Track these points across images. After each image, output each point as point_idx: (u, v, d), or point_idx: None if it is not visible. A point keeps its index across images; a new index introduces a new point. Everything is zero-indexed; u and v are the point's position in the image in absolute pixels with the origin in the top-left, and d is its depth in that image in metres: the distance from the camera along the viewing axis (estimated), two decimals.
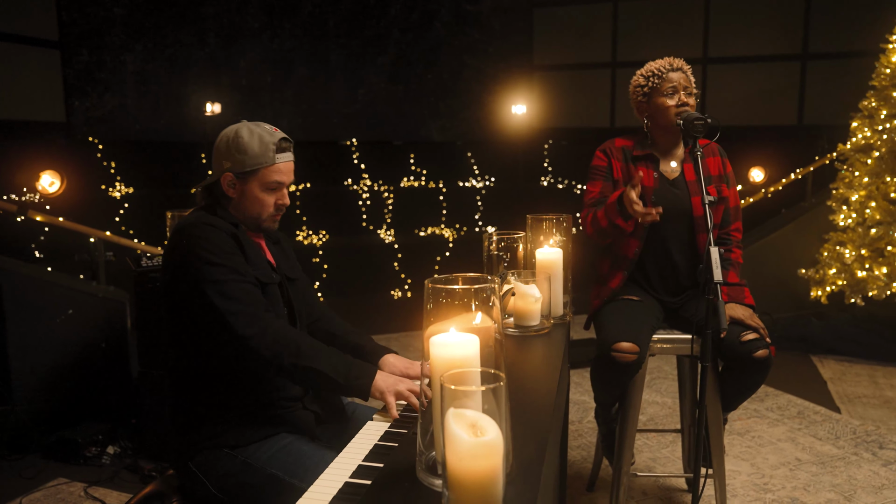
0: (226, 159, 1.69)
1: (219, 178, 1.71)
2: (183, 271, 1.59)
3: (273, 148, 1.68)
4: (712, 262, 1.82)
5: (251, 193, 1.70)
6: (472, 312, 1.07)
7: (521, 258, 2.07)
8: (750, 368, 2.14)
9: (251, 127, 1.70)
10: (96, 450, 3.04)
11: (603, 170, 2.35)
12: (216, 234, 1.61)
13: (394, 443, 1.41)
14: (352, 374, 1.57)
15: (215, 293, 1.55)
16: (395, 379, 1.61)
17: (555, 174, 8.04)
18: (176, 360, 1.68)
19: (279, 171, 1.71)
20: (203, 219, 1.64)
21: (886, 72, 4.57)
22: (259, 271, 1.67)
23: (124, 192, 6.22)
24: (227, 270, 1.57)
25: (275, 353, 1.53)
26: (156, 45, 7.03)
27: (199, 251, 1.57)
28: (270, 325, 1.55)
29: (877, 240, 4.48)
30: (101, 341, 3.41)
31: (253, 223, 1.74)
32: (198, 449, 1.62)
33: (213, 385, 1.63)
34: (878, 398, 3.78)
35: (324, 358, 1.56)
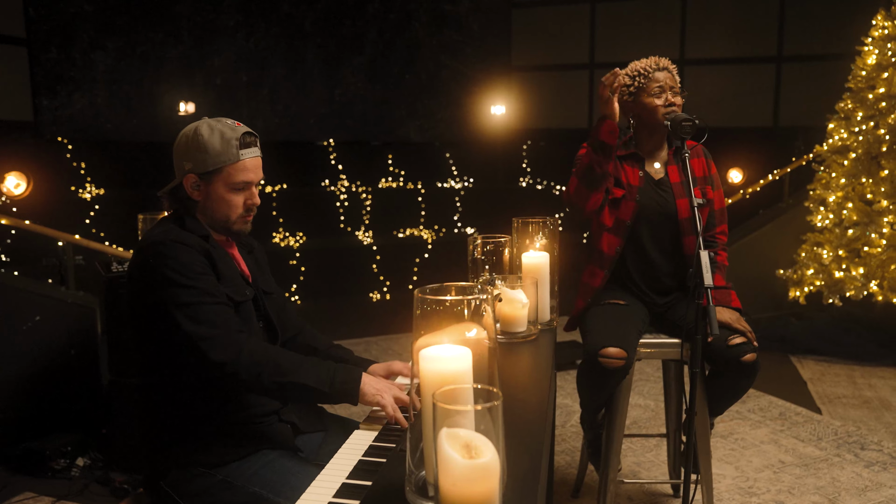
0: (186, 160, 1.60)
1: (181, 181, 1.61)
2: (150, 293, 1.50)
3: (236, 144, 1.58)
4: (702, 266, 1.79)
5: (217, 194, 1.60)
6: (463, 323, 1.02)
7: (507, 262, 2.02)
8: (738, 373, 2.11)
9: (211, 123, 1.60)
10: (65, 462, 2.93)
11: None
12: (185, 253, 1.51)
13: (380, 458, 1.35)
14: (337, 380, 1.51)
15: (185, 318, 1.46)
16: (384, 384, 1.55)
17: (534, 175, 8.03)
18: (144, 375, 1.60)
19: (244, 168, 1.60)
20: (171, 234, 1.54)
21: (862, 74, 4.61)
22: (232, 288, 1.59)
23: (95, 194, 6.06)
24: (198, 292, 1.48)
25: (254, 374, 1.46)
26: (127, 42, 6.87)
27: (167, 272, 1.48)
28: (245, 347, 1.47)
29: (854, 240, 4.51)
30: (70, 348, 3.29)
31: (222, 226, 1.65)
32: (170, 467, 1.54)
33: (186, 402, 1.55)
34: (858, 398, 3.80)
35: (305, 370, 1.49)
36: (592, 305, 2.30)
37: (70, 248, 3.49)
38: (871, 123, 4.50)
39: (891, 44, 4.48)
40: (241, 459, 1.53)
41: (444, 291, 1.02)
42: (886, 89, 4.45)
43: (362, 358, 1.83)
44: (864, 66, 4.60)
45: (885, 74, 4.48)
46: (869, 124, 4.51)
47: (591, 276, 2.31)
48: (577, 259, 2.48)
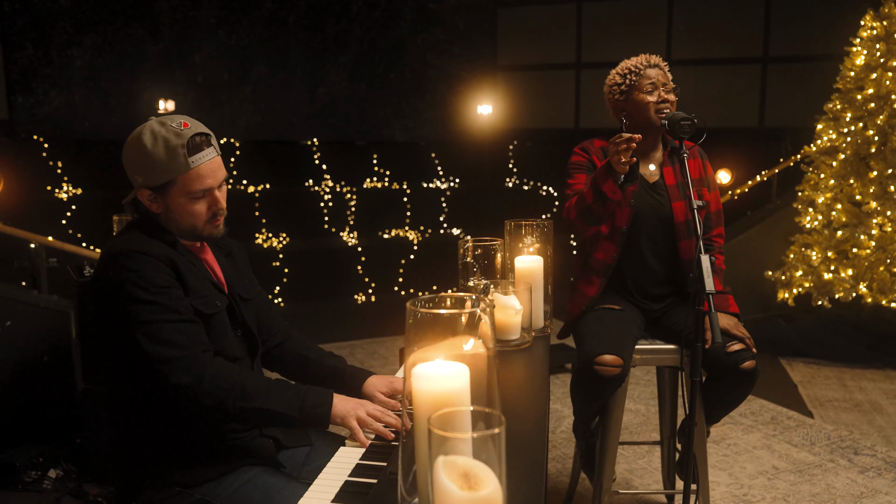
0: (136, 173, 1.47)
1: (136, 196, 1.49)
2: (111, 307, 1.40)
3: (182, 152, 1.42)
4: (703, 272, 1.72)
5: (176, 206, 1.47)
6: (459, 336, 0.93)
7: (499, 266, 1.94)
8: (737, 380, 2.04)
9: (155, 129, 1.44)
10: (36, 474, 2.80)
11: (584, 164, 2.23)
12: (149, 266, 1.39)
13: (369, 478, 1.26)
14: (307, 405, 1.42)
15: (144, 337, 1.36)
16: (355, 403, 1.46)
17: (520, 175, 7.97)
18: (113, 388, 1.50)
19: (199, 175, 1.45)
20: (134, 244, 1.42)
21: (850, 74, 4.58)
22: (202, 300, 1.47)
23: (72, 194, 5.91)
24: (159, 309, 1.37)
25: (217, 399, 1.36)
26: (105, 39, 6.71)
27: (128, 287, 1.37)
28: (208, 370, 1.37)
29: (843, 242, 4.49)
30: (42, 355, 3.16)
31: (190, 235, 1.52)
32: (144, 486, 1.44)
33: (158, 416, 1.45)
34: (849, 401, 3.76)
35: (273, 394, 1.40)
36: (587, 311, 2.22)
37: (43, 251, 3.37)
38: (860, 124, 4.48)
39: (879, 44, 4.46)
40: (221, 477, 1.44)
41: (438, 303, 0.94)
42: (875, 90, 4.43)
43: (358, 368, 1.73)
44: (852, 66, 4.58)
45: (873, 75, 4.46)
46: (858, 125, 4.49)
47: (587, 284, 2.24)
48: (571, 264, 2.41)
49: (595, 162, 2.23)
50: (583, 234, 2.17)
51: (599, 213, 2.05)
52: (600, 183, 2.00)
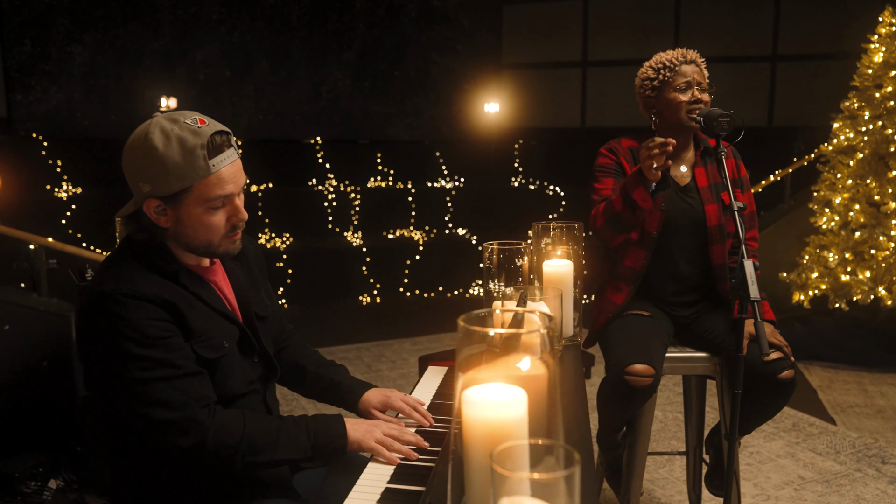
0: (142, 181, 1.24)
1: (140, 207, 1.27)
2: (98, 360, 1.24)
3: (202, 154, 1.21)
4: (747, 278, 1.62)
5: (191, 218, 1.26)
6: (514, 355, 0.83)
7: (526, 271, 1.84)
8: (774, 390, 1.95)
9: (166, 127, 1.22)
10: (36, 485, 2.70)
11: (611, 167, 2.12)
12: (141, 311, 1.20)
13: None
14: (319, 443, 1.30)
15: (137, 400, 1.19)
16: (367, 425, 1.36)
17: (526, 175, 7.86)
18: (108, 429, 1.34)
19: (220, 181, 1.24)
20: (123, 284, 1.21)
21: (868, 72, 4.48)
22: (205, 344, 1.28)
23: (71, 193, 5.80)
24: (153, 364, 1.19)
25: (223, 458, 1.23)
26: (105, 35, 6.60)
27: (119, 340, 1.19)
28: (211, 429, 1.22)
29: (860, 243, 4.39)
30: (41, 360, 3.05)
31: (204, 251, 1.33)
32: None
33: (158, 464, 1.30)
34: (871, 407, 3.67)
35: (282, 441, 1.27)
36: (614, 318, 2.12)
37: (43, 252, 3.26)
38: (879, 123, 4.38)
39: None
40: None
41: (489, 320, 0.84)
42: (894, 88, 4.33)
43: (357, 380, 1.62)
44: (870, 64, 4.48)
45: (892, 73, 4.36)
46: (876, 124, 4.39)
47: (615, 291, 2.13)
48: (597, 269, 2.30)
49: (623, 164, 2.12)
50: (610, 241, 2.06)
51: (629, 222, 1.94)
52: (630, 190, 1.89)
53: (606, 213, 1.98)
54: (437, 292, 6.45)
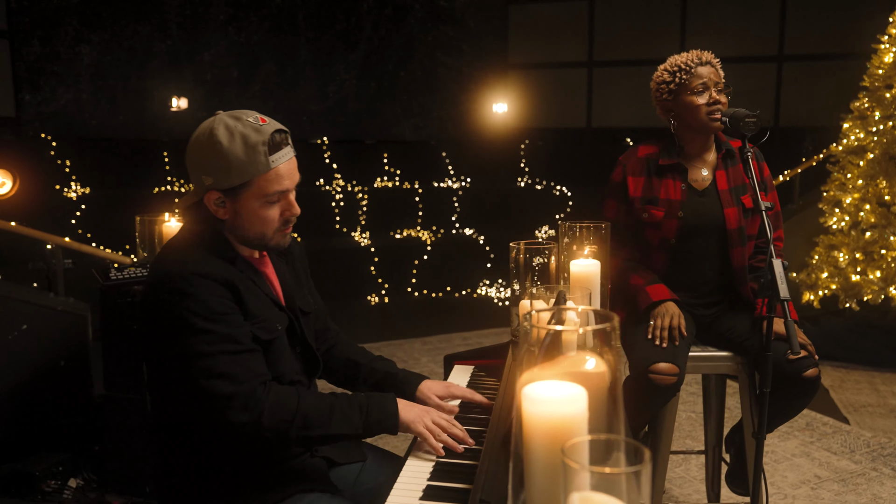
0: (205, 174, 1.32)
1: (202, 198, 1.35)
2: (164, 334, 1.28)
3: (264, 150, 1.29)
4: (777, 277, 1.63)
5: (248, 211, 1.33)
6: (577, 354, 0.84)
7: (553, 270, 1.85)
8: (798, 389, 1.96)
9: (230, 124, 1.30)
10: (56, 483, 2.71)
11: (617, 188, 2.15)
12: (208, 290, 1.26)
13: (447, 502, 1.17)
14: (372, 420, 1.33)
15: (201, 371, 1.24)
16: (420, 409, 1.38)
17: (532, 175, 7.86)
18: (159, 415, 1.38)
19: (278, 177, 1.32)
20: (189, 264, 1.28)
21: (879, 72, 4.49)
22: (262, 324, 1.35)
23: (80, 193, 5.80)
24: (217, 338, 1.25)
25: (278, 431, 1.26)
26: (113, 36, 6.61)
27: (185, 315, 1.24)
28: (268, 404, 1.26)
29: (871, 243, 4.40)
30: (59, 359, 3.06)
31: (257, 244, 1.40)
32: None
33: (209, 445, 1.33)
34: (884, 407, 3.68)
35: (336, 417, 1.30)
36: (637, 317, 2.13)
37: (59, 252, 3.27)
38: (889, 123, 4.39)
39: None
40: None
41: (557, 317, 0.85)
42: None
43: (411, 372, 1.64)
44: (880, 64, 4.49)
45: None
46: (887, 124, 4.40)
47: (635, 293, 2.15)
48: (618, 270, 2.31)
49: (629, 183, 2.13)
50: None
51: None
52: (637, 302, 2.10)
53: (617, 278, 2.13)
54: (445, 292, 6.45)
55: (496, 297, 6.41)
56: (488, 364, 1.96)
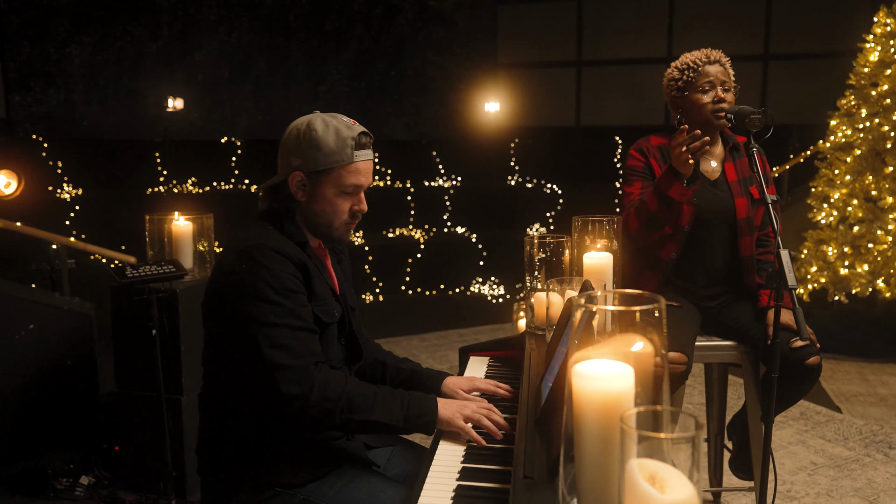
0: (295, 156, 1.45)
1: (286, 178, 1.46)
2: (236, 301, 1.37)
3: (352, 144, 1.44)
4: (785, 267, 1.69)
5: (323, 197, 1.46)
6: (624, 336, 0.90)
7: (567, 263, 1.91)
8: (801, 376, 2.03)
9: (326, 119, 1.46)
10: (67, 481, 2.73)
11: (641, 170, 2.19)
12: (283, 266, 1.37)
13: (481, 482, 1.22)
14: (412, 414, 1.40)
15: (265, 339, 1.32)
16: (458, 404, 1.43)
17: (522, 173, 7.94)
18: (211, 388, 1.46)
19: (357, 171, 1.46)
20: (270, 241, 1.40)
21: (865, 71, 4.60)
22: (323, 308, 1.45)
23: (74, 194, 5.79)
24: (284, 312, 1.35)
25: (324, 410, 1.34)
26: (104, 36, 6.59)
27: (259, 285, 1.34)
28: (318, 382, 1.34)
29: (859, 237, 4.51)
30: (65, 359, 3.08)
31: (324, 232, 1.51)
32: (242, 488, 1.40)
33: (258, 418, 1.41)
34: (873, 396, 3.78)
35: (379, 406, 1.37)
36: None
37: (65, 252, 3.28)
38: (876, 120, 4.50)
39: (893, 40, 4.49)
40: (323, 477, 1.41)
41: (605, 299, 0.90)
42: (890, 86, 4.46)
43: (435, 370, 1.70)
44: (866, 62, 4.60)
45: (888, 71, 4.48)
46: (873, 121, 4.51)
47: (647, 282, 2.21)
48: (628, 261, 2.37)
49: (653, 165, 2.19)
50: (646, 241, 2.14)
51: (666, 219, 2.03)
52: (665, 188, 1.98)
53: (641, 215, 2.06)
54: (439, 290, 6.51)
55: (489, 294, 6.47)
56: (503, 355, 2.02)
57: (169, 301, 2.56)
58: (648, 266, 2.22)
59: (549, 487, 1.02)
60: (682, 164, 1.90)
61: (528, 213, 7.26)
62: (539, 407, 1.30)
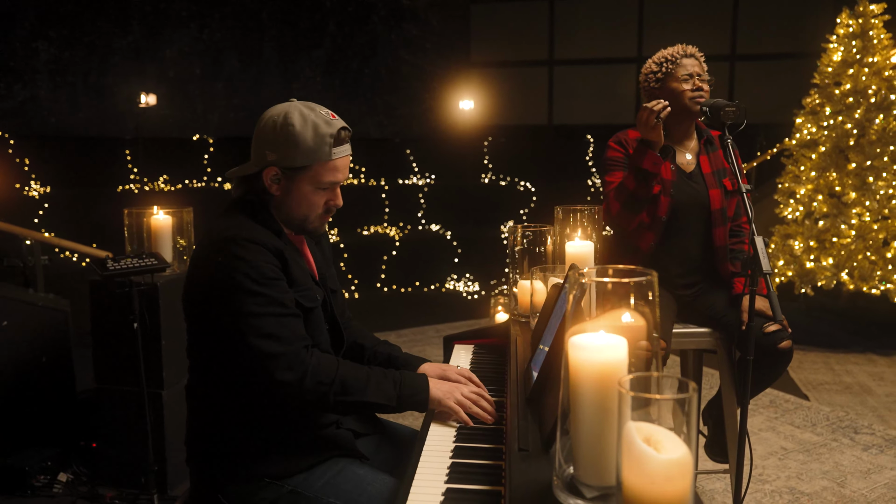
0: (271, 150, 1.41)
1: (260, 171, 1.43)
2: (215, 294, 1.35)
3: (330, 141, 1.40)
4: (759, 252, 1.76)
5: (299, 193, 1.43)
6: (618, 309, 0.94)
7: (550, 252, 1.95)
8: (774, 360, 2.10)
9: (304, 112, 1.41)
10: (45, 478, 2.70)
11: (621, 160, 2.25)
12: (260, 255, 1.36)
13: (475, 459, 1.26)
14: (404, 394, 1.41)
15: (252, 330, 1.32)
16: (450, 385, 1.46)
17: (496, 171, 8.00)
18: (198, 380, 1.45)
19: (335, 168, 1.43)
20: (244, 231, 1.37)
21: (828, 70, 4.75)
22: (304, 293, 1.44)
23: (42, 192, 5.69)
24: (267, 301, 1.34)
25: (318, 394, 1.34)
26: (72, 32, 6.49)
27: (238, 277, 1.33)
28: (311, 366, 1.34)
29: (824, 231, 4.65)
30: (41, 355, 3.03)
31: (298, 225, 1.49)
32: (231, 479, 1.40)
33: (247, 410, 1.40)
34: (839, 384, 3.91)
35: (372, 387, 1.39)
36: None
37: (38, 248, 3.23)
38: (839, 118, 4.65)
39: (855, 41, 4.64)
40: (311, 468, 1.41)
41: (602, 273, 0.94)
42: (853, 85, 4.61)
43: (412, 355, 1.72)
44: (829, 62, 4.75)
45: (850, 71, 4.63)
46: (837, 119, 4.66)
47: None
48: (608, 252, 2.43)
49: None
50: (627, 226, 2.20)
51: (644, 196, 2.08)
52: (639, 161, 2.05)
53: (621, 196, 2.11)
54: (415, 287, 6.53)
55: (465, 290, 6.52)
56: (487, 343, 2.05)
57: (150, 294, 2.55)
58: (628, 256, 2.28)
59: (544, 459, 1.06)
60: (650, 129, 1.98)
61: (502, 210, 7.31)
62: (529, 386, 1.34)
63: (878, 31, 4.60)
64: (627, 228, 2.20)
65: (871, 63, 4.58)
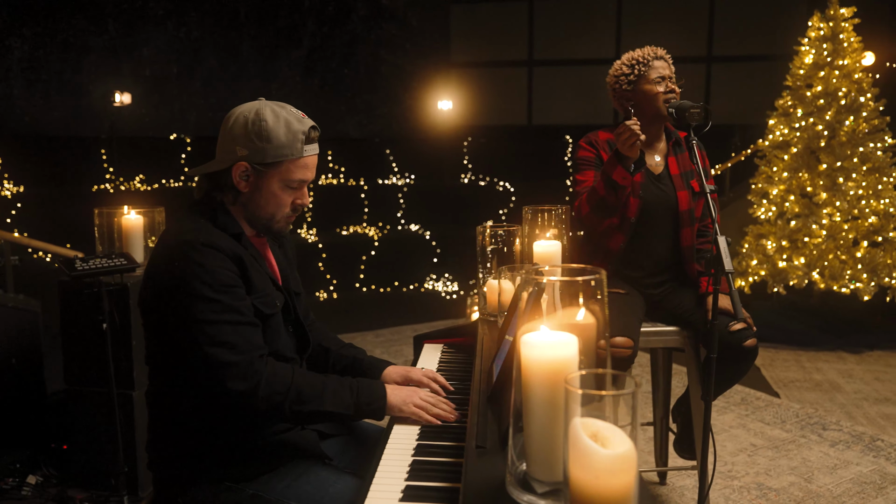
0: (242, 145, 1.40)
1: (229, 167, 1.42)
2: (171, 299, 1.33)
3: (302, 138, 1.40)
4: (722, 252, 1.79)
5: (268, 189, 1.43)
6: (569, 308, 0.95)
7: (518, 252, 1.97)
8: (739, 357, 2.13)
9: (275, 109, 1.42)
10: (14, 481, 2.67)
11: (592, 160, 2.28)
12: (217, 261, 1.33)
13: (436, 457, 1.27)
14: (361, 402, 1.41)
15: (205, 338, 1.30)
16: (407, 391, 1.46)
17: (475, 171, 8.02)
18: (157, 386, 1.44)
19: (305, 166, 1.44)
20: (202, 235, 1.35)
21: (800, 72, 4.82)
22: (263, 299, 1.42)
23: (15, 191, 5.61)
24: (223, 308, 1.32)
25: (272, 404, 1.33)
26: (47, 29, 6.41)
27: (193, 282, 1.31)
28: (265, 376, 1.33)
29: (795, 231, 4.72)
30: (10, 357, 3.00)
31: (264, 224, 1.48)
32: (192, 483, 1.39)
33: (205, 414, 1.39)
34: (809, 382, 3.97)
35: (328, 396, 1.38)
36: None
37: (8, 248, 3.20)
38: (810, 120, 4.72)
39: (826, 44, 4.71)
40: (272, 472, 1.41)
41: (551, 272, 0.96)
42: (823, 87, 4.68)
43: (377, 358, 1.72)
44: (801, 65, 4.82)
45: (821, 73, 4.71)
46: (808, 120, 4.73)
47: None
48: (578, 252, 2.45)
49: (602, 157, 2.28)
50: (596, 227, 2.23)
51: (613, 204, 2.10)
52: (610, 172, 2.06)
53: (591, 200, 2.14)
54: (394, 287, 6.53)
55: (444, 290, 6.53)
56: (456, 342, 2.07)
57: (120, 294, 2.53)
58: (598, 256, 2.31)
59: (500, 455, 1.07)
60: (630, 147, 1.99)
61: (482, 210, 7.33)
62: (490, 385, 1.35)
63: (849, 34, 4.68)
64: (597, 230, 2.23)
65: (842, 66, 4.65)
